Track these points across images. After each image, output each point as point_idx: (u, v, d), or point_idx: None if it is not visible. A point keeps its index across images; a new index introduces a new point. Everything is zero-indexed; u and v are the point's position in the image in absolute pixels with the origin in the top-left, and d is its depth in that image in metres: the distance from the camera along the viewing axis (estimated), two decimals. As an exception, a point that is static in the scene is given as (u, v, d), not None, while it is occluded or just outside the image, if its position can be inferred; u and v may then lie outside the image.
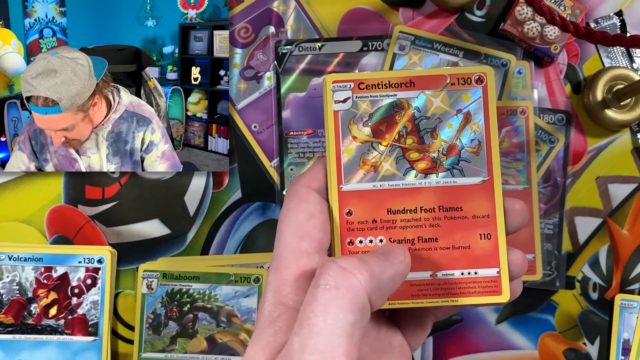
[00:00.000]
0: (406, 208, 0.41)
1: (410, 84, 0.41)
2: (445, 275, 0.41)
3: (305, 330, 0.33)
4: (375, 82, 0.42)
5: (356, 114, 0.41)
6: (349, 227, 0.41)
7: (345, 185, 0.41)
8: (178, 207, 0.68)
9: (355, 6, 0.69)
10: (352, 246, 0.41)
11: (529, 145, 0.66)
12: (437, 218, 0.41)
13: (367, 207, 0.41)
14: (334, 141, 0.42)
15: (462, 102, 0.41)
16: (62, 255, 0.66)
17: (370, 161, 0.41)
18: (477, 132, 0.41)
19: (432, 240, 0.41)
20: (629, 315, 0.66)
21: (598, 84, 0.67)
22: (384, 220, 0.41)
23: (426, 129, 0.41)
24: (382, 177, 0.41)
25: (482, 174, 0.41)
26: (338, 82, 0.42)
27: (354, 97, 0.41)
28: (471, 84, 0.41)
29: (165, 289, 0.66)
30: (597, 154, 0.68)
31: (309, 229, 0.39)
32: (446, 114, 0.41)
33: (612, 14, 0.69)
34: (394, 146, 0.41)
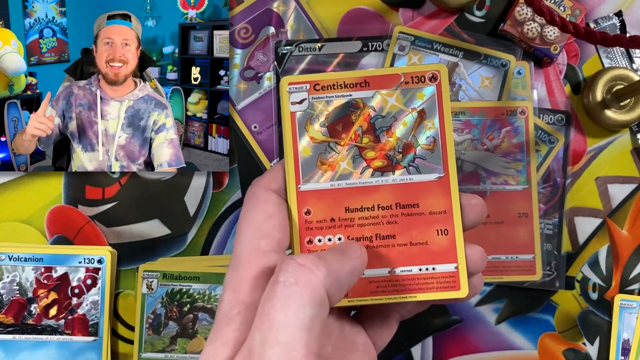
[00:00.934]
0: (364, 206, 0.41)
1: (365, 84, 0.42)
2: (403, 271, 0.41)
3: (266, 325, 0.34)
4: (330, 82, 0.42)
5: (312, 115, 0.42)
6: (308, 226, 0.42)
7: (304, 185, 0.42)
8: (178, 207, 0.68)
9: (355, 7, 0.69)
10: (311, 245, 0.42)
11: (529, 146, 0.66)
12: (394, 215, 0.41)
13: (326, 206, 0.42)
14: (291, 142, 0.42)
15: (416, 100, 0.42)
16: (62, 255, 0.66)
17: (327, 161, 0.42)
18: (432, 129, 0.42)
19: (390, 237, 0.41)
20: (629, 316, 0.66)
21: (598, 85, 0.67)
22: (342, 218, 0.41)
23: (382, 127, 0.42)
24: (340, 176, 0.42)
25: (437, 171, 0.42)
26: (294, 84, 0.42)
27: (310, 98, 0.42)
28: (425, 82, 0.42)
29: (166, 289, 0.66)
30: (597, 154, 0.68)
31: (267, 228, 0.40)
32: (401, 112, 0.42)
33: (612, 14, 0.69)
34: (351, 145, 0.42)
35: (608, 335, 0.67)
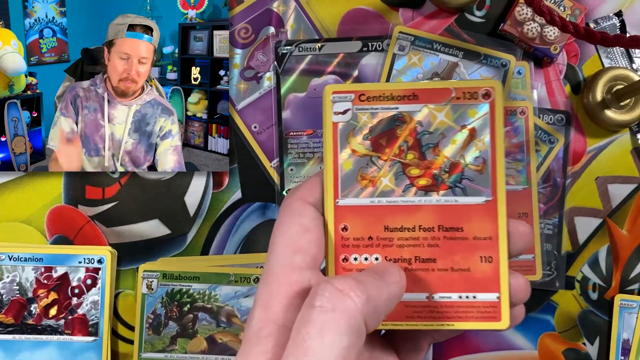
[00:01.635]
0: (404, 226, 0.39)
1: (414, 97, 0.40)
2: (442, 297, 0.39)
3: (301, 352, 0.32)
4: (377, 94, 0.40)
5: (356, 127, 0.40)
6: (344, 243, 0.40)
7: (342, 199, 0.40)
8: (178, 207, 0.68)
9: (355, 6, 0.69)
10: (346, 263, 0.40)
11: (529, 146, 0.66)
12: (436, 238, 0.39)
13: (364, 223, 0.40)
14: (331, 153, 0.40)
15: (467, 117, 0.40)
16: (62, 255, 0.66)
17: (368, 176, 0.40)
18: (482, 149, 0.39)
19: (430, 261, 0.39)
20: (629, 316, 0.66)
21: (598, 85, 0.67)
22: (381, 237, 0.40)
23: (428, 144, 0.40)
24: (381, 192, 0.40)
25: (485, 194, 0.39)
26: (338, 93, 0.40)
27: (354, 109, 0.40)
28: (478, 99, 0.40)
29: (165, 289, 0.66)
30: (597, 154, 0.68)
31: (302, 243, 0.38)
32: (450, 129, 0.40)
33: (612, 14, 0.69)
34: (394, 161, 0.40)
35: (608, 335, 0.67)
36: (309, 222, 0.38)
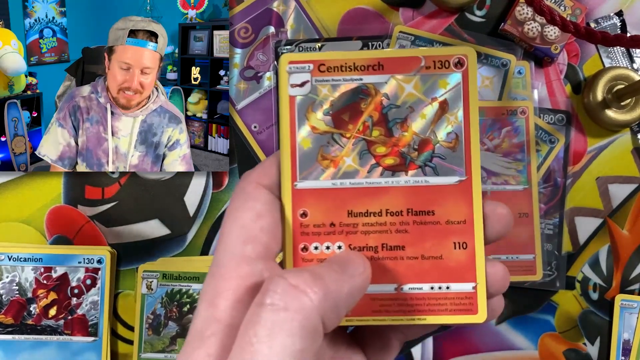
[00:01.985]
0: (369, 210, 0.36)
1: (379, 67, 0.36)
2: (412, 289, 0.36)
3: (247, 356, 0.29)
4: (338, 63, 0.36)
5: (315, 100, 0.37)
6: (303, 230, 0.36)
7: (301, 182, 0.37)
8: (178, 208, 0.68)
9: (355, 6, 0.69)
10: (306, 252, 0.37)
11: (529, 146, 0.66)
12: (405, 223, 0.36)
13: (325, 208, 0.36)
14: (288, 131, 0.37)
15: (438, 89, 0.36)
16: (62, 255, 0.66)
17: (330, 155, 0.37)
18: (455, 124, 0.36)
19: (399, 249, 0.36)
20: (629, 316, 0.66)
21: (598, 84, 0.67)
22: (344, 223, 0.36)
23: (395, 119, 0.37)
24: (343, 174, 0.37)
25: (458, 173, 0.36)
26: (295, 63, 0.37)
27: (313, 81, 0.37)
28: (449, 68, 0.36)
29: (165, 289, 0.66)
30: (598, 154, 0.68)
31: (255, 231, 0.34)
32: (419, 102, 0.36)
33: (613, 14, 0.69)
34: (358, 138, 0.37)
35: (608, 336, 0.67)
36: (262, 207, 0.35)
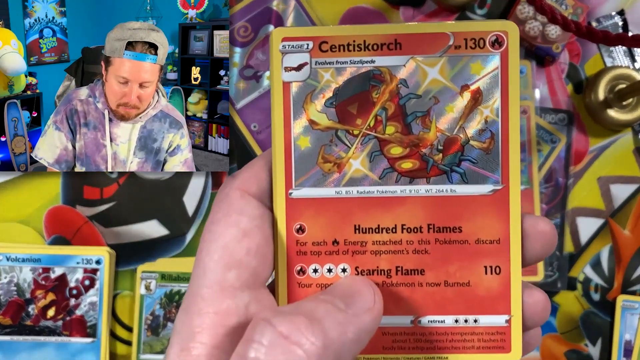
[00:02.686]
0: (381, 226, 0.30)
1: (396, 46, 0.29)
2: (432, 322, 0.30)
3: None
4: (344, 41, 0.29)
5: (315, 88, 0.30)
6: (300, 249, 0.30)
7: (297, 190, 0.30)
8: (177, 208, 0.68)
9: (356, 5, 0.68)
10: (303, 276, 0.30)
11: (531, 145, 0.65)
12: (425, 241, 0.30)
13: (327, 222, 0.30)
14: (281, 126, 0.30)
15: (469, 74, 0.29)
16: (60, 256, 0.66)
17: (333, 157, 0.30)
18: (490, 119, 0.29)
19: (417, 273, 0.30)
20: (631, 317, 0.66)
21: (600, 84, 0.67)
22: (350, 241, 0.30)
23: (415, 112, 0.30)
24: (350, 180, 0.30)
25: (492, 181, 0.30)
26: (291, 40, 0.30)
27: (312, 63, 0.30)
28: (484, 48, 0.29)
29: (164, 290, 0.66)
30: (599, 154, 0.68)
31: (239, 253, 0.28)
32: (446, 91, 0.30)
33: (614, 13, 0.69)
34: (369, 136, 0.30)
35: (610, 337, 0.67)
36: (250, 223, 0.29)
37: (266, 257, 0.29)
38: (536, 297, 0.30)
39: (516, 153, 0.30)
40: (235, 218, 0.28)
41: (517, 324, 0.30)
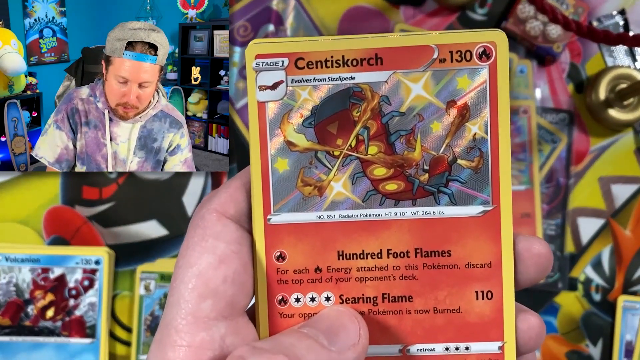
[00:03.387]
0: (366, 251, 0.29)
1: (377, 61, 0.28)
2: (421, 350, 0.29)
3: None
4: (321, 57, 0.28)
5: (292, 108, 0.28)
6: (281, 277, 0.29)
7: (276, 215, 0.29)
8: (176, 208, 0.68)
9: (356, 4, 0.68)
10: (284, 306, 0.29)
11: (531, 145, 0.65)
12: (413, 267, 0.29)
13: (308, 249, 0.29)
14: (257, 149, 0.29)
15: (455, 89, 0.28)
16: (59, 256, 0.66)
17: (313, 180, 0.29)
18: (479, 137, 0.28)
19: (404, 300, 0.29)
20: (632, 317, 0.66)
21: (601, 83, 0.66)
22: (333, 268, 0.29)
23: (399, 131, 0.28)
24: (331, 203, 0.29)
25: (482, 201, 0.29)
26: (265, 57, 0.28)
27: (288, 81, 0.28)
28: (471, 61, 0.28)
29: (164, 290, 0.66)
30: (600, 154, 0.68)
31: (216, 282, 0.27)
32: (431, 108, 0.28)
33: (615, 12, 0.69)
34: (350, 157, 0.29)
35: (611, 337, 0.66)
36: (226, 249, 0.27)
37: (244, 285, 0.28)
38: (531, 322, 0.29)
39: (507, 171, 0.28)
40: (211, 243, 0.27)
41: (511, 351, 0.29)
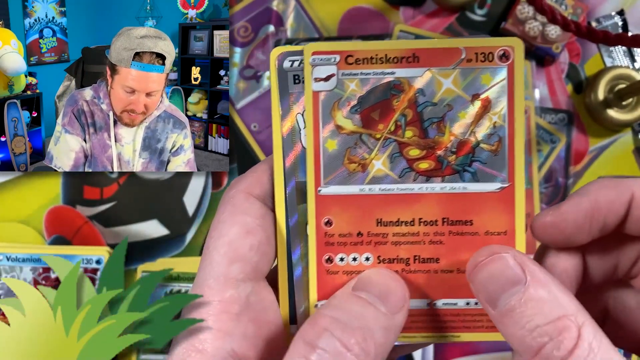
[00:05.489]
0: (401, 219, 0.33)
1: (414, 59, 0.33)
2: (446, 304, 0.34)
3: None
4: (368, 55, 0.33)
5: (342, 97, 0.33)
6: (328, 240, 0.34)
7: (325, 187, 0.34)
8: (177, 208, 0.68)
9: (356, 5, 0.68)
10: (330, 264, 0.34)
11: (530, 145, 0.65)
12: (440, 233, 0.33)
13: (352, 217, 0.34)
14: (312, 131, 0.34)
15: (480, 84, 0.33)
16: (61, 255, 0.66)
17: (357, 158, 0.34)
18: (498, 125, 0.33)
19: (432, 261, 0.34)
20: (631, 317, 0.66)
21: (600, 84, 0.67)
22: (372, 233, 0.34)
23: (431, 118, 0.33)
24: (372, 178, 0.34)
25: (500, 179, 0.33)
26: (320, 54, 0.33)
27: (339, 75, 0.33)
28: (492, 62, 0.33)
29: (164, 289, 0.66)
30: (599, 154, 0.68)
31: (243, 249, 0.32)
32: (458, 99, 0.33)
33: (614, 13, 0.69)
34: (389, 139, 0.34)
35: (610, 337, 0.67)
36: (253, 222, 0.32)
37: (267, 253, 0.32)
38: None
39: (521, 154, 0.33)
40: (240, 217, 0.32)
41: None
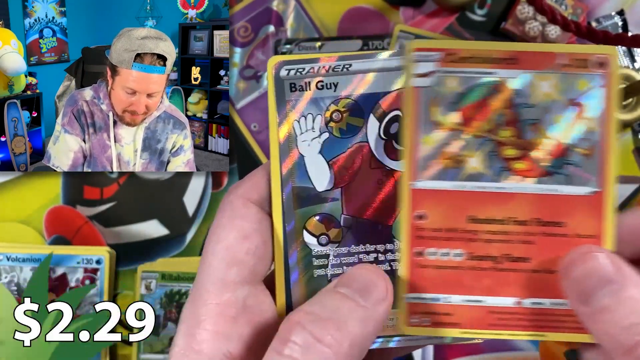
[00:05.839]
0: (493, 217, 0.34)
1: (513, 61, 0.34)
2: (534, 303, 0.34)
3: None
4: (470, 54, 0.34)
5: (441, 94, 0.34)
6: (420, 234, 0.34)
7: (420, 181, 0.34)
8: (177, 208, 0.68)
9: (356, 5, 0.68)
10: (421, 258, 0.34)
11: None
12: (531, 233, 0.34)
13: (445, 212, 0.34)
14: (410, 125, 0.34)
15: (576, 90, 0.33)
16: (61, 255, 0.66)
17: (453, 154, 0.34)
18: (592, 130, 0.33)
19: (522, 260, 0.34)
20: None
21: (600, 84, 0.67)
22: (464, 230, 0.34)
23: (528, 120, 0.34)
24: (467, 176, 0.34)
25: (592, 184, 0.33)
26: (422, 51, 0.34)
27: (440, 72, 0.34)
28: (588, 68, 0.33)
29: (164, 289, 0.66)
30: (599, 154, 0.68)
31: (240, 253, 0.32)
32: (555, 103, 0.34)
33: (614, 13, 0.69)
34: (486, 138, 0.34)
35: (610, 337, 0.67)
36: (250, 227, 0.33)
37: (263, 257, 0.33)
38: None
39: (614, 161, 0.33)
40: (237, 222, 0.33)
41: None
